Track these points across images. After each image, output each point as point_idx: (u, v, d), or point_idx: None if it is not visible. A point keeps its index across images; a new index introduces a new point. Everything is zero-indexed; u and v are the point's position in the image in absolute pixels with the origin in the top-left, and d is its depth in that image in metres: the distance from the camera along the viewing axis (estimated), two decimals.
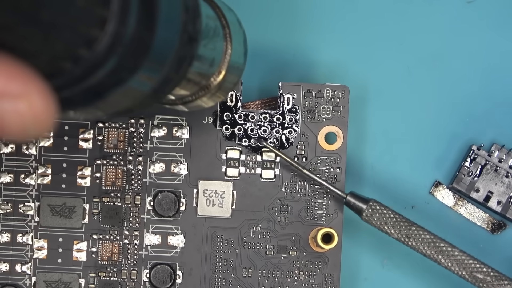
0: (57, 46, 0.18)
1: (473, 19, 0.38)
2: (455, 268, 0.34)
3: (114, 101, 0.21)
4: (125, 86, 0.20)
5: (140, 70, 0.20)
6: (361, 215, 0.34)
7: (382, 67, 0.38)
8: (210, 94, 0.28)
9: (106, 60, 0.19)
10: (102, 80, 0.19)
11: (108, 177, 0.36)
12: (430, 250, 0.34)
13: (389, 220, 0.34)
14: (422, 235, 0.34)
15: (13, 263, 0.36)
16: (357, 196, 0.34)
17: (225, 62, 0.28)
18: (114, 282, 0.36)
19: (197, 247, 0.36)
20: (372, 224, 0.34)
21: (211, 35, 0.26)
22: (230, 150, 0.36)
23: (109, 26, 0.18)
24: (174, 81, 0.23)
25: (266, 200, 0.36)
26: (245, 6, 0.38)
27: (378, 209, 0.34)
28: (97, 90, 0.20)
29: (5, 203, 0.36)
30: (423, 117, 0.38)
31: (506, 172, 0.37)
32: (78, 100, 0.20)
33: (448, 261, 0.34)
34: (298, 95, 0.36)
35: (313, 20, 0.38)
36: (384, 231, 0.34)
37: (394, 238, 0.34)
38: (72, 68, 0.19)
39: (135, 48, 0.19)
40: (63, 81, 0.19)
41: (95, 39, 0.18)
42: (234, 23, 0.28)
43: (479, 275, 0.34)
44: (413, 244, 0.34)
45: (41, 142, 0.36)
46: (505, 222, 0.38)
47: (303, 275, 0.36)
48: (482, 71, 0.38)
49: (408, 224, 0.34)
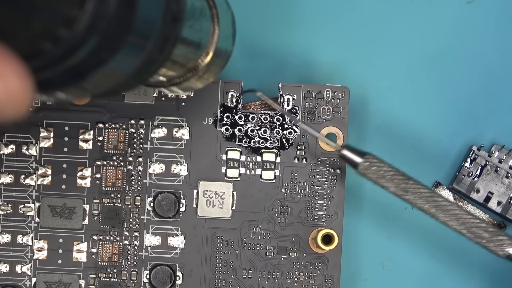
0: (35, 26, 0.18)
1: (473, 19, 0.38)
2: (453, 223, 0.33)
3: (96, 81, 0.20)
4: (106, 66, 0.20)
5: (122, 50, 0.20)
6: (357, 168, 0.33)
7: (382, 67, 0.38)
8: (197, 76, 0.28)
9: (86, 40, 0.18)
10: (83, 60, 0.19)
11: (108, 178, 0.36)
12: (427, 204, 0.33)
13: (386, 173, 0.33)
14: (420, 190, 0.33)
15: (13, 264, 0.36)
16: (354, 150, 0.33)
17: (213, 43, 0.27)
18: (114, 283, 0.36)
19: (197, 248, 0.36)
20: (368, 178, 0.33)
21: (197, 15, 0.25)
22: (230, 151, 0.36)
23: (89, 5, 0.18)
24: (158, 62, 0.23)
25: (266, 201, 0.36)
26: (245, 6, 0.38)
27: (375, 161, 0.33)
28: (78, 70, 0.19)
29: (5, 204, 0.36)
30: (423, 117, 0.38)
31: (506, 172, 0.37)
32: (60, 81, 0.20)
33: (445, 216, 0.33)
34: (298, 96, 0.36)
35: (313, 21, 0.38)
36: (380, 184, 0.33)
37: (391, 192, 0.33)
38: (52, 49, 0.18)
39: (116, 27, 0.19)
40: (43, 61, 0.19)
41: (75, 19, 0.18)
42: (222, 3, 0.28)
43: (478, 230, 0.33)
44: (410, 198, 0.33)
45: (41, 143, 0.36)
46: (505, 222, 0.38)
47: (303, 276, 0.36)
48: (482, 71, 0.38)
49: (405, 178, 0.33)
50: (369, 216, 0.38)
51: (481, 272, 0.38)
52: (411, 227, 0.37)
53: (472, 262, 0.37)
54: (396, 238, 0.38)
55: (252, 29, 0.38)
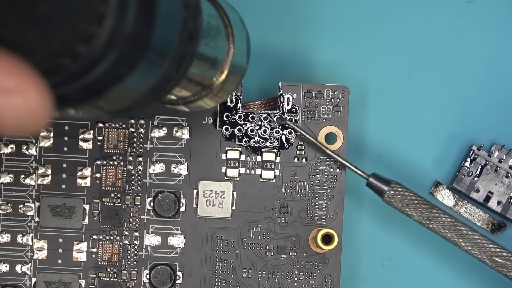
0: (54, 42, 0.18)
1: (473, 19, 0.38)
2: (475, 252, 0.33)
3: (113, 98, 0.20)
4: (124, 83, 0.20)
5: (139, 67, 0.20)
6: (382, 196, 0.34)
7: (382, 67, 0.38)
8: (212, 94, 0.28)
9: (104, 56, 0.19)
10: (100, 77, 0.19)
11: (108, 177, 0.36)
12: (450, 233, 0.33)
13: (411, 202, 0.34)
14: (443, 218, 0.34)
15: (13, 264, 0.36)
16: (379, 178, 0.34)
17: (228, 62, 0.27)
18: (114, 283, 0.36)
19: (197, 247, 0.36)
20: (394, 206, 0.34)
21: (213, 34, 0.26)
22: (230, 151, 0.36)
23: (107, 22, 0.18)
24: (175, 79, 0.23)
25: (266, 200, 0.36)
26: (245, 6, 0.38)
27: (400, 190, 0.34)
28: (95, 87, 0.19)
29: (5, 203, 0.36)
30: (423, 117, 0.38)
31: (506, 172, 0.37)
32: (77, 97, 0.20)
33: (468, 244, 0.33)
34: (298, 96, 0.36)
35: (313, 20, 0.38)
36: (405, 213, 0.34)
37: (415, 220, 0.34)
38: (70, 65, 0.18)
39: (134, 44, 0.19)
40: (61, 77, 0.19)
41: (93, 35, 0.18)
42: (237, 22, 0.28)
43: (499, 259, 0.33)
44: (434, 227, 0.34)
45: (41, 143, 0.36)
46: (505, 222, 0.38)
47: (303, 276, 0.36)
48: (482, 71, 0.38)
49: (429, 207, 0.34)
50: (369, 216, 0.38)
51: (481, 272, 0.38)
52: (411, 226, 0.37)
53: (472, 262, 0.37)
54: (396, 237, 0.38)
55: (252, 29, 0.38)
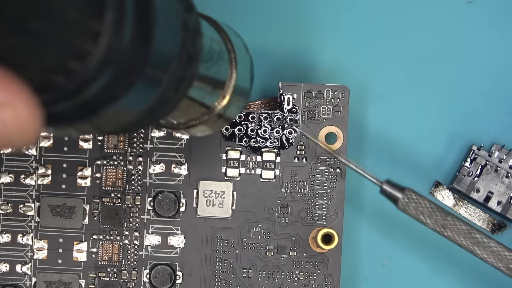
0: (48, 58, 0.17)
1: (473, 19, 0.38)
2: (491, 260, 0.33)
3: (108, 118, 0.20)
4: (119, 102, 0.19)
5: (135, 87, 0.19)
6: (396, 204, 0.33)
7: (382, 67, 0.38)
8: (214, 119, 0.27)
9: (99, 74, 0.18)
10: (95, 95, 0.18)
11: (108, 177, 0.36)
12: (466, 241, 0.33)
13: (425, 210, 0.33)
14: (458, 226, 0.33)
15: (13, 264, 0.36)
16: (393, 185, 0.34)
17: (230, 87, 0.27)
18: (114, 283, 0.36)
19: (197, 247, 0.36)
20: (408, 213, 0.34)
21: (215, 58, 0.25)
22: (230, 151, 0.36)
23: (103, 40, 0.18)
24: (173, 101, 0.22)
25: (266, 200, 0.36)
26: (245, 6, 0.38)
27: (414, 198, 0.33)
28: (90, 105, 0.19)
29: (5, 203, 0.36)
30: (423, 117, 0.38)
31: (506, 172, 0.37)
32: (71, 115, 0.19)
33: (483, 252, 0.33)
34: (298, 96, 0.36)
35: (313, 21, 0.38)
36: (420, 220, 0.34)
37: (430, 228, 0.34)
38: (64, 82, 0.18)
39: (130, 63, 0.18)
40: (55, 95, 0.18)
41: (88, 53, 0.18)
42: (241, 48, 0.28)
43: None
44: (448, 234, 0.33)
45: (41, 143, 0.36)
46: (505, 222, 0.38)
47: (303, 276, 0.36)
48: (482, 71, 0.38)
49: (444, 214, 0.33)
50: (369, 216, 0.38)
51: (481, 271, 0.38)
52: (411, 226, 0.37)
53: (473, 262, 0.37)
54: (397, 237, 0.38)
55: (252, 29, 0.38)
